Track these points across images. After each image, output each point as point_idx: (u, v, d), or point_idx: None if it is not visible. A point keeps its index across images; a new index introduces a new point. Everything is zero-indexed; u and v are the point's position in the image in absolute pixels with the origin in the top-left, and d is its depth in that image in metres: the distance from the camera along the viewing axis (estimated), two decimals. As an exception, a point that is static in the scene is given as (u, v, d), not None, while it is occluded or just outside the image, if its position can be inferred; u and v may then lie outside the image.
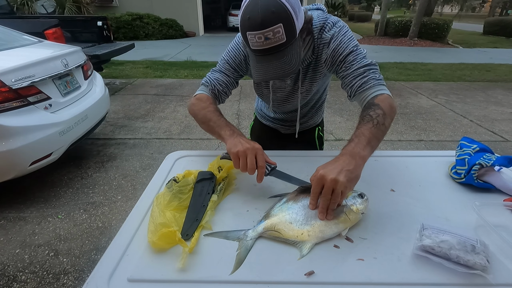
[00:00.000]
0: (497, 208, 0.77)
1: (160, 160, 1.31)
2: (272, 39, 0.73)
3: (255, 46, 0.76)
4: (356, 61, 0.87)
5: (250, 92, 4.95)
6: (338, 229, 0.68)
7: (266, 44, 0.74)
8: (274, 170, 0.83)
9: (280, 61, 0.77)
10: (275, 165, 0.84)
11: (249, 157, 0.78)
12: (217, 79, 1.01)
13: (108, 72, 6.01)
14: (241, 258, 0.63)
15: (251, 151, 0.78)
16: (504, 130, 3.73)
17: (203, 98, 0.99)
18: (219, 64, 1.03)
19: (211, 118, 0.93)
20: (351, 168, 0.66)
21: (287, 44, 0.75)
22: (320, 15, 0.92)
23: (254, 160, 0.78)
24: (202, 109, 0.96)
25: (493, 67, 7.53)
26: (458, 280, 0.57)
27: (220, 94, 1.02)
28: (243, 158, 0.78)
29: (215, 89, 1.01)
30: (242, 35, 0.78)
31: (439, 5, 28.50)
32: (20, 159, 1.97)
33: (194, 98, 1.01)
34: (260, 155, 0.79)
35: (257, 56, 0.79)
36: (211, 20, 16.40)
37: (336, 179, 0.64)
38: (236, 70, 1.01)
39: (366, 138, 0.72)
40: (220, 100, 1.05)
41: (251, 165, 0.77)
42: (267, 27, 0.71)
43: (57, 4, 9.46)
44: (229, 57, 1.00)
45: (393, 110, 0.81)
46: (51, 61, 2.31)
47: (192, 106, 1.00)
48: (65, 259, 1.74)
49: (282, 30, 0.72)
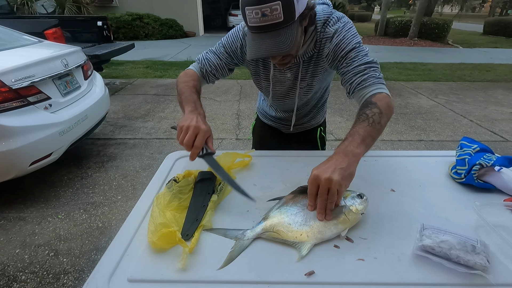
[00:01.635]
0: (497, 208, 0.77)
1: (160, 160, 1.31)
2: (269, 16, 0.73)
3: (252, 22, 0.76)
4: (358, 58, 0.87)
5: (250, 92, 4.95)
6: (338, 230, 0.67)
7: (263, 21, 0.74)
8: (209, 156, 0.83)
9: (274, 40, 0.77)
10: (214, 152, 0.83)
11: (189, 134, 0.79)
12: (208, 59, 1.04)
13: (108, 72, 6.01)
14: (233, 256, 0.64)
15: (193, 129, 0.79)
16: (504, 130, 3.73)
17: (189, 73, 1.04)
18: (216, 45, 1.05)
19: (184, 91, 0.96)
20: (344, 166, 0.66)
21: (283, 25, 0.75)
22: (325, 9, 0.91)
23: (193, 138, 0.79)
24: (183, 82, 1.00)
25: (493, 67, 7.53)
26: (458, 280, 0.57)
27: (208, 74, 1.05)
28: (184, 132, 0.79)
29: (203, 68, 1.04)
30: (241, 11, 0.78)
31: (439, 5, 28.47)
32: (20, 159, 1.97)
33: (183, 72, 1.06)
34: (201, 136, 0.79)
35: (253, 33, 0.79)
36: (211, 20, 16.40)
37: (330, 178, 0.64)
38: (230, 56, 1.03)
39: (360, 136, 0.72)
40: (208, 80, 1.08)
41: (187, 141, 0.78)
42: (265, 2, 0.71)
43: (57, 4, 9.45)
44: (227, 42, 1.02)
45: (390, 109, 0.81)
46: (51, 61, 2.31)
47: (178, 78, 1.04)
48: (65, 259, 1.75)
49: (280, 8, 0.72)
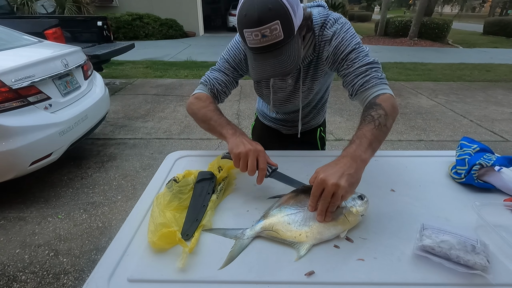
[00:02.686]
0: (497, 208, 0.77)
1: (160, 160, 1.31)
2: (269, 36, 0.72)
3: (252, 44, 0.75)
4: (358, 59, 0.85)
5: (250, 92, 4.94)
6: (337, 231, 0.67)
7: (263, 42, 0.73)
8: (275, 172, 0.83)
9: (278, 59, 0.76)
10: (276, 166, 0.83)
11: (251, 159, 0.77)
12: (216, 78, 0.99)
13: (108, 72, 6.01)
14: (233, 255, 0.64)
15: (253, 153, 0.77)
16: (504, 130, 3.73)
17: (202, 97, 0.98)
18: (219, 63, 1.01)
19: (211, 117, 0.92)
20: (352, 172, 0.65)
21: (284, 42, 0.74)
22: (321, 12, 0.90)
23: (255, 162, 0.77)
24: (202, 108, 0.95)
25: (493, 67, 7.53)
26: (458, 280, 0.57)
27: (219, 93, 1.01)
28: (244, 159, 0.77)
29: (214, 89, 0.99)
30: (239, 32, 0.76)
31: (439, 5, 28.50)
32: (20, 159, 1.97)
33: (192, 97, 0.99)
34: (261, 157, 0.78)
35: (255, 54, 0.78)
36: (211, 20, 16.40)
37: (337, 184, 0.63)
38: (236, 69, 1.00)
39: (367, 140, 0.71)
40: (219, 100, 1.03)
41: (251, 167, 0.77)
42: (263, 24, 0.70)
43: (57, 4, 9.45)
44: (229, 56, 0.99)
45: (395, 110, 0.80)
46: (51, 61, 2.31)
47: (191, 105, 0.98)
48: (65, 259, 1.75)
49: (280, 27, 0.71)
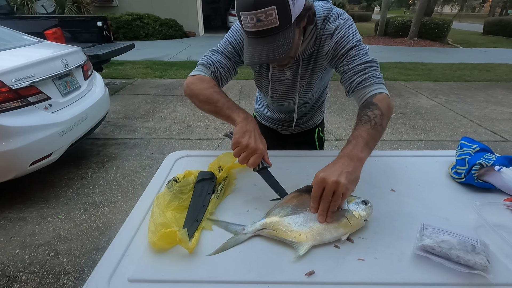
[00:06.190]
0: (497, 208, 0.77)
1: (160, 160, 1.31)
2: (264, 21, 0.71)
3: (247, 27, 0.75)
4: (358, 56, 0.86)
5: (250, 92, 4.95)
6: (338, 234, 0.67)
7: (258, 27, 0.73)
8: (265, 170, 0.82)
9: (269, 46, 0.75)
10: (269, 166, 0.83)
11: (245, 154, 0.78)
12: (219, 62, 0.93)
13: (108, 72, 6.01)
14: (226, 246, 0.65)
15: (251, 150, 0.78)
16: (504, 130, 3.73)
17: (205, 79, 0.91)
18: (221, 45, 0.95)
19: (219, 99, 0.87)
20: (350, 170, 0.66)
21: (279, 29, 0.73)
22: (325, 5, 0.90)
23: (248, 158, 0.79)
24: (206, 89, 0.89)
25: (493, 67, 7.53)
26: (458, 280, 0.57)
27: (222, 78, 0.94)
28: (239, 150, 0.79)
29: (218, 72, 0.93)
30: (237, 14, 0.76)
31: (439, 5, 28.49)
32: (20, 159, 1.97)
33: (193, 78, 0.92)
34: (256, 157, 0.79)
35: (249, 38, 0.78)
36: (211, 20, 16.38)
37: (337, 181, 0.64)
38: (239, 54, 0.95)
39: (364, 140, 0.72)
40: (221, 85, 0.96)
41: (241, 161, 0.79)
42: (259, 8, 0.69)
43: (57, 4, 9.44)
44: (234, 39, 0.94)
45: (390, 110, 0.81)
46: (51, 61, 2.31)
47: (191, 85, 0.91)
48: (65, 259, 1.74)
49: (275, 13, 0.70)
